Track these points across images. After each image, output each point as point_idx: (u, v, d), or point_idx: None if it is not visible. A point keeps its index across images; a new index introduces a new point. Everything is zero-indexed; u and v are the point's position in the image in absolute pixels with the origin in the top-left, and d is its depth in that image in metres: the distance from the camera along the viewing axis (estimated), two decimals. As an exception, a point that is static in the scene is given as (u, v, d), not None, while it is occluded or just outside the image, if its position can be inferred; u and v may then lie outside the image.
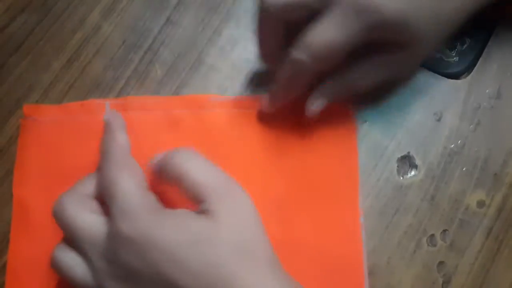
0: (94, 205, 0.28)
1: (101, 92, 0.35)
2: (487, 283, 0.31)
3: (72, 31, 0.37)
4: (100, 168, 0.28)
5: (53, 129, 0.34)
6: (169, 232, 0.24)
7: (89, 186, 0.29)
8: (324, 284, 0.30)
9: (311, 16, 0.28)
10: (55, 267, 0.27)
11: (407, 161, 0.33)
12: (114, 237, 0.25)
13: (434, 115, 0.34)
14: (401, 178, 0.33)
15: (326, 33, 0.27)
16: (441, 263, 0.31)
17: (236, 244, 0.25)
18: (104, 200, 0.27)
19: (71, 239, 0.27)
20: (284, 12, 0.29)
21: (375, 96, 0.34)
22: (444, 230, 0.32)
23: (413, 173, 0.33)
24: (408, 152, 0.33)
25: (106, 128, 0.30)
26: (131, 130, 0.33)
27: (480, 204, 0.32)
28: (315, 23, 0.27)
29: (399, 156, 0.33)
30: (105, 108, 0.34)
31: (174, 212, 0.26)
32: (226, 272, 0.24)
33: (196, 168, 0.27)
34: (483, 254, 0.31)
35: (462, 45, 0.35)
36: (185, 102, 0.34)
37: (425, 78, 0.35)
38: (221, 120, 0.33)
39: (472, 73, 0.35)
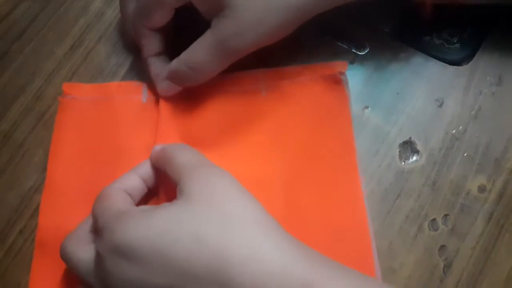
0: (92, 237, 0.28)
1: (105, 79, 0.36)
2: (488, 267, 0.31)
3: (75, 17, 0.37)
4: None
5: (90, 108, 0.34)
6: (135, 234, 0.23)
7: (90, 223, 0.29)
8: (332, 253, 0.30)
9: None
10: None
11: (408, 147, 0.33)
12: (97, 257, 0.25)
13: (435, 101, 0.34)
14: (403, 163, 0.33)
15: None
16: (442, 247, 0.31)
17: (218, 214, 0.23)
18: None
19: (79, 276, 0.27)
20: None
21: (377, 81, 0.34)
22: (446, 215, 0.32)
23: (414, 158, 0.33)
24: (410, 138, 0.34)
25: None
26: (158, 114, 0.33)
27: (481, 189, 0.32)
28: None
29: (401, 141, 0.34)
30: (142, 90, 0.34)
31: (141, 210, 0.25)
32: (214, 246, 0.22)
33: (178, 153, 0.28)
34: (484, 238, 0.32)
35: (463, 32, 0.35)
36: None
37: (427, 65, 0.35)
38: (217, 98, 0.34)
39: (473, 59, 0.35)
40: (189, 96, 0.33)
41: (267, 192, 0.32)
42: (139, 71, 0.36)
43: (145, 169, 0.31)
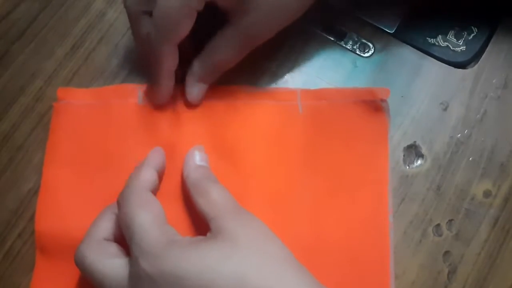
0: (113, 248, 0.27)
1: (105, 80, 0.35)
2: (493, 273, 0.31)
3: (76, 18, 0.37)
4: (119, 205, 0.28)
5: (85, 112, 0.33)
6: (187, 265, 0.24)
7: (104, 229, 0.28)
8: (349, 283, 0.29)
9: None
10: None
11: (413, 151, 0.33)
12: (135, 277, 0.25)
13: (440, 105, 0.34)
14: (407, 167, 0.33)
15: (164, 3, 0.28)
16: (446, 252, 0.31)
17: (257, 255, 0.25)
18: (125, 239, 0.27)
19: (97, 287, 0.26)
20: (139, 3, 0.30)
21: (381, 84, 0.33)
22: (450, 220, 0.32)
23: (419, 162, 0.33)
24: (415, 142, 0.33)
25: (141, 163, 0.31)
26: (154, 117, 0.33)
27: (486, 194, 0.32)
28: None
29: (405, 145, 0.33)
30: (137, 94, 0.34)
31: (189, 241, 0.25)
32: (253, 285, 0.23)
33: (214, 189, 0.28)
34: (489, 244, 0.31)
35: (469, 34, 0.35)
36: (218, 92, 0.34)
37: (432, 67, 0.35)
38: (252, 111, 0.33)
39: (479, 62, 0.35)
40: (222, 103, 0.33)
41: (293, 210, 0.31)
42: (141, 72, 0.35)
43: (160, 163, 0.31)
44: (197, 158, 0.31)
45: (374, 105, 0.33)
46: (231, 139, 0.32)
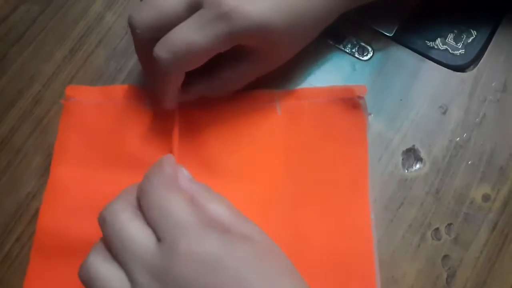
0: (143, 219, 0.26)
1: (104, 83, 0.35)
2: (492, 277, 0.31)
3: (75, 21, 0.37)
4: (146, 191, 0.26)
5: (94, 111, 0.34)
6: (227, 250, 0.24)
7: (134, 199, 0.27)
8: (334, 282, 0.29)
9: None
10: (85, 276, 0.24)
11: (412, 154, 0.33)
12: (171, 255, 0.23)
13: (439, 108, 0.34)
14: (406, 171, 0.33)
15: (188, 34, 0.27)
16: (445, 257, 0.31)
17: (271, 259, 0.25)
18: (152, 222, 0.25)
19: (115, 249, 0.24)
20: (152, 32, 0.28)
21: (380, 87, 0.33)
22: (449, 224, 0.32)
23: (418, 166, 0.33)
24: (413, 145, 0.33)
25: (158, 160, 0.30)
26: (161, 122, 0.33)
27: (486, 198, 0.32)
28: (182, 23, 0.28)
29: (404, 149, 0.33)
30: (145, 95, 0.34)
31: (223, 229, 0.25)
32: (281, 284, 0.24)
33: (214, 200, 0.27)
34: (488, 248, 0.31)
35: (468, 37, 0.35)
36: (200, 100, 0.33)
37: (431, 71, 0.35)
38: (232, 116, 0.33)
39: (478, 66, 0.35)
40: (203, 111, 0.33)
41: (274, 212, 0.31)
42: (139, 75, 0.35)
43: (174, 164, 0.30)
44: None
45: (352, 103, 0.33)
46: (214, 146, 0.32)
